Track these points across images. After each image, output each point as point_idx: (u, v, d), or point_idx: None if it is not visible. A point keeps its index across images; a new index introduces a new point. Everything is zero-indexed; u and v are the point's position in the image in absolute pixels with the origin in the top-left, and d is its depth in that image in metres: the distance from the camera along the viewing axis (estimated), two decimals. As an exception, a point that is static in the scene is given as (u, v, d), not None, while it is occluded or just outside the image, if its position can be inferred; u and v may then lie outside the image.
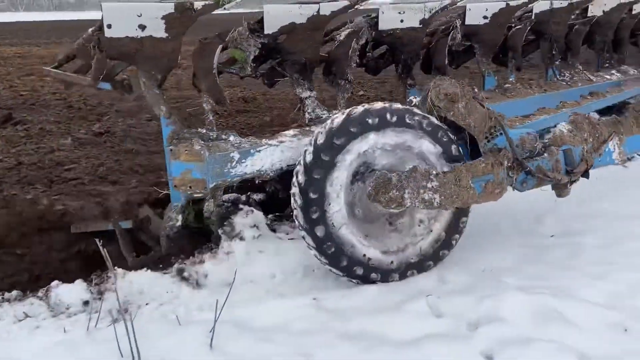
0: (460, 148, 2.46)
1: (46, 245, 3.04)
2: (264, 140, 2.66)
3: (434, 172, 2.29)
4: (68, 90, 5.41)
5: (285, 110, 5.38)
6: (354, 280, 2.40)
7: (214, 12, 2.53)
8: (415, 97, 3.45)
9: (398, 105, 2.36)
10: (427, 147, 2.38)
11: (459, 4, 3.47)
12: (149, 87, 2.52)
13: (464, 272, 2.47)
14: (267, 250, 2.58)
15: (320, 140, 2.27)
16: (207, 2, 2.44)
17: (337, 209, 2.30)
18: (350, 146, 2.27)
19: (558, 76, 4.28)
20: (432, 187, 2.27)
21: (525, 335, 1.89)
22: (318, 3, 2.87)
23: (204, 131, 2.62)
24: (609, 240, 2.68)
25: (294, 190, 2.31)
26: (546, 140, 2.60)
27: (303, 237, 2.34)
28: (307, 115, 3.05)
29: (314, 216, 2.27)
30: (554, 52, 4.24)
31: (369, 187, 2.28)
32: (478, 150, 2.46)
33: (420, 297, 2.20)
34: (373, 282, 2.39)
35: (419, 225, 2.47)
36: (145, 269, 2.48)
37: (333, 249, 2.30)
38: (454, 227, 2.49)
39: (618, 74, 4.50)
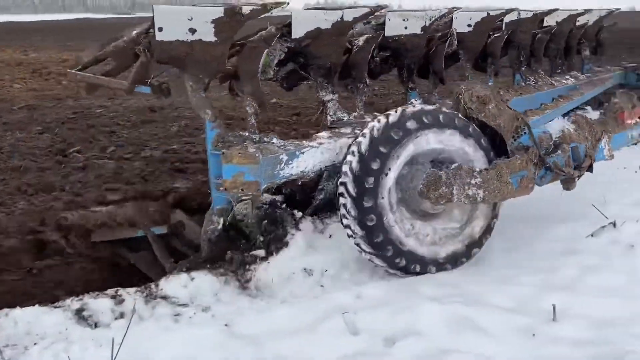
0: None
1: None
2: (305, 142, 2.74)
3: (477, 169, 2.50)
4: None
5: (196, 121, 5.24)
6: (393, 271, 2.55)
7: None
8: (416, 100, 3.70)
9: (444, 109, 2.56)
10: (467, 146, 2.58)
11: (454, 13, 3.73)
12: (195, 91, 2.51)
13: (380, 284, 2.49)
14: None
15: (376, 133, 2.41)
16: (255, 7, 2.48)
17: (387, 200, 2.45)
18: (406, 141, 2.43)
19: (524, 81, 4.69)
20: (476, 183, 2.48)
21: (442, 347, 1.91)
22: (342, 10, 2.99)
23: (247, 134, 2.65)
24: (516, 243, 2.82)
25: (345, 179, 2.42)
26: (557, 139, 2.90)
27: (348, 226, 2.45)
28: (329, 118, 3.15)
29: (367, 205, 2.39)
30: (521, 59, 4.65)
31: (420, 184, 2.45)
32: (499, 149, 2.71)
33: (337, 314, 2.11)
34: (413, 273, 2.55)
35: (456, 223, 2.67)
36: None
37: (381, 238, 2.43)
38: (486, 227, 2.70)
39: (572, 79, 5.01)
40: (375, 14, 3.11)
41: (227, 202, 2.64)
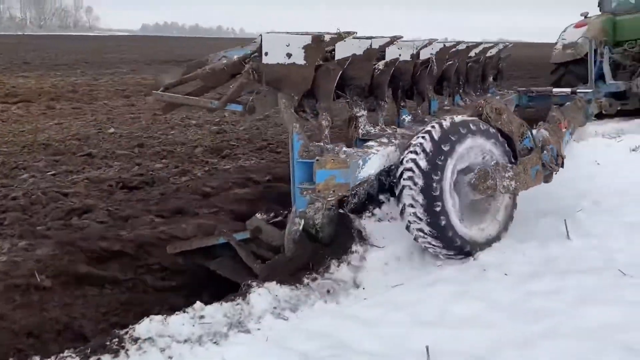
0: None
1: None
2: (366, 149, 3.19)
3: (509, 165, 3.19)
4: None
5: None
6: (448, 251, 3.08)
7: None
8: (408, 116, 4.37)
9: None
10: (494, 147, 3.23)
11: (434, 43, 4.47)
12: (287, 107, 2.85)
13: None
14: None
15: (436, 136, 2.97)
16: (333, 35, 2.92)
17: (448, 190, 3.00)
18: (458, 142, 3.03)
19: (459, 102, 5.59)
20: (509, 176, 3.16)
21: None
22: (370, 39, 3.53)
23: (322, 144, 3.02)
24: None
25: (412, 174, 2.93)
26: (540, 142, 3.72)
27: (414, 214, 2.96)
28: (359, 131, 3.64)
29: (435, 193, 2.92)
30: (460, 83, 5.58)
31: (473, 178, 3.06)
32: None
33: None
34: (464, 253, 3.10)
35: (491, 212, 3.31)
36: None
37: (444, 222, 2.96)
38: (510, 215, 3.37)
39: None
40: (393, 42, 3.69)
41: (307, 205, 2.98)
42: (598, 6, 9.17)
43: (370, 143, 3.38)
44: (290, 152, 2.95)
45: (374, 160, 3.12)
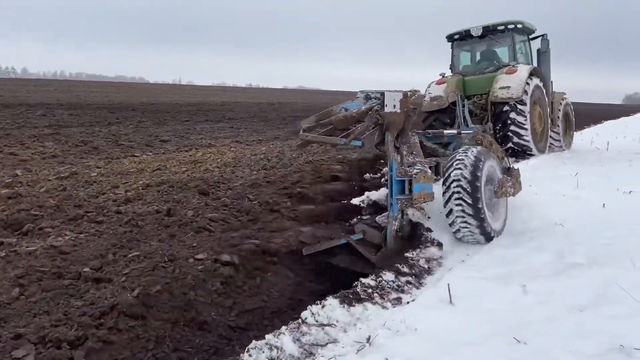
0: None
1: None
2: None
3: (508, 177, 4.97)
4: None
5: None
6: (481, 236, 4.74)
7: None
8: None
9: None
10: (497, 166, 5.03)
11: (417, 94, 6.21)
12: (390, 142, 4.34)
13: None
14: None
15: (471, 160, 4.65)
16: (411, 92, 4.48)
17: (482, 193, 4.68)
18: (484, 162, 4.76)
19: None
20: (510, 185, 4.97)
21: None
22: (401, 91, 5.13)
23: (405, 168, 4.48)
24: None
25: (461, 182, 4.55)
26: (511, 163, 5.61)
27: (463, 210, 4.59)
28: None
29: (477, 195, 4.58)
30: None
31: (495, 187, 4.80)
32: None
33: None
34: (490, 238, 4.80)
35: (499, 211, 5.08)
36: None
37: (482, 215, 4.64)
38: (506, 213, 5.20)
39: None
40: (417, 94, 5.32)
41: (398, 212, 4.47)
42: (450, 68, 11.25)
43: (417, 166, 4.88)
44: (389, 173, 4.47)
45: (431, 177, 4.64)
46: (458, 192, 4.55)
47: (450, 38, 10.94)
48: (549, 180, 7.90)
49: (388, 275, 3.92)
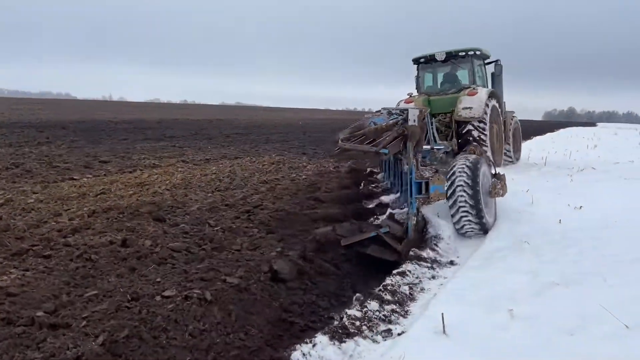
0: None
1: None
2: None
3: (497, 180, 5.57)
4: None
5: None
6: (479, 228, 5.61)
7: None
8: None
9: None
10: (488, 171, 5.67)
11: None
12: (410, 150, 5.33)
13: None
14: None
15: (470, 166, 5.42)
16: (422, 110, 4.78)
17: (481, 191, 5.45)
18: (480, 166, 5.44)
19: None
20: (501, 186, 5.63)
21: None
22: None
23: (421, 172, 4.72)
24: None
25: (462, 183, 5.41)
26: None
27: (465, 204, 5.45)
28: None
29: (476, 194, 5.47)
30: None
31: (490, 187, 5.60)
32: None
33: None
34: (486, 231, 5.66)
35: (491, 209, 5.77)
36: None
37: (480, 207, 5.50)
38: (496, 211, 5.85)
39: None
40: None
41: (414, 210, 5.57)
42: (416, 88, 12.24)
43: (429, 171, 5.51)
44: (409, 176, 5.49)
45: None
46: (462, 195, 5.42)
47: (416, 61, 11.89)
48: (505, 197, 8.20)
49: (372, 305, 3.74)
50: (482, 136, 10.49)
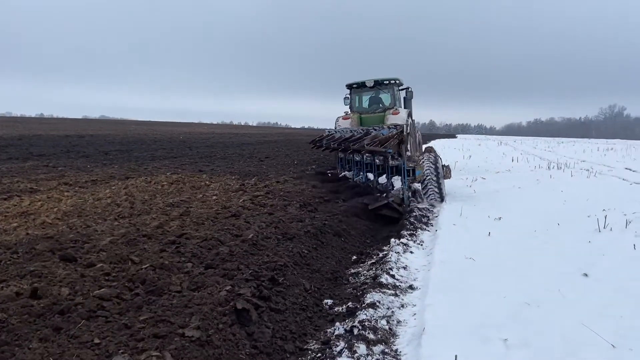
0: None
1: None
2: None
3: (446, 168, 7.85)
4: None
5: None
6: (440, 198, 9.96)
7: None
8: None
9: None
10: (440, 162, 10.28)
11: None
12: (404, 150, 9.42)
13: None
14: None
15: (432, 160, 9.98)
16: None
17: (441, 175, 10.09)
18: (438, 159, 10.26)
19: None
20: (448, 172, 9.54)
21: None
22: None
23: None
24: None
25: (431, 170, 9.80)
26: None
27: (432, 184, 9.82)
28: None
29: (439, 177, 9.99)
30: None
31: (444, 172, 10.31)
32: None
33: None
34: (443, 200, 10.06)
35: (444, 187, 10.32)
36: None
37: (442, 187, 10.08)
38: (445, 187, 10.39)
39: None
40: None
41: (406, 187, 9.17)
42: (350, 108, 14.69)
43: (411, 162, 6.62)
44: (402, 166, 8.97)
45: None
46: (430, 178, 9.73)
47: (349, 86, 14.64)
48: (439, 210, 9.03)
49: (361, 349, 3.33)
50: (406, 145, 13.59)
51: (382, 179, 10.39)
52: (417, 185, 9.95)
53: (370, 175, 10.73)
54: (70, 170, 13.31)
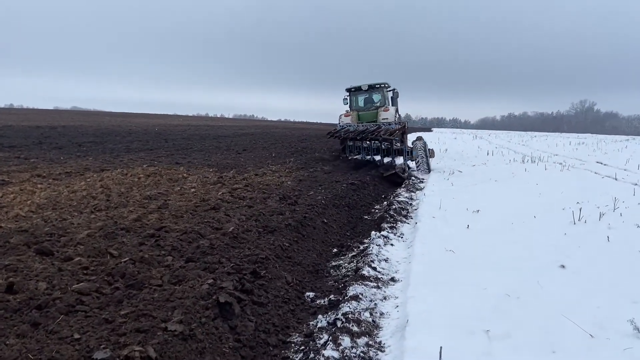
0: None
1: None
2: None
3: (431, 150, 10.74)
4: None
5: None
6: (428, 170, 14.18)
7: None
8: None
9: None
10: (426, 145, 14.33)
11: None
12: (405, 138, 15.46)
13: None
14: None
15: (422, 145, 14.31)
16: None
17: (428, 154, 14.50)
18: (426, 145, 14.37)
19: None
20: (432, 151, 14.84)
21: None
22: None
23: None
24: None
25: (420, 152, 14.10)
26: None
27: (420, 162, 14.07)
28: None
29: (425, 155, 14.32)
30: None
31: (429, 151, 14.69)
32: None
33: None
34: (429, 172, 14.48)
35: (430, 163, 15.02)
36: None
37: (429, 163, 14.47)
38: (430, 163, 14.89)
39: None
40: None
41: (405, 164, 14.34)
42: (349, 107, 18.58)
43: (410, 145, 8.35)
44: (405, 147, 14.56)
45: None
46: (420, 155, 13.85)
47: (348, 90, 18.47)
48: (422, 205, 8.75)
49: (346, 341, 3.34)
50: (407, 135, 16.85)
51: (386, 159, 14.78)
52: (411, 163, 14.72)
53: (377, 157, 15.23)
54: (43, 162, 12.97)
